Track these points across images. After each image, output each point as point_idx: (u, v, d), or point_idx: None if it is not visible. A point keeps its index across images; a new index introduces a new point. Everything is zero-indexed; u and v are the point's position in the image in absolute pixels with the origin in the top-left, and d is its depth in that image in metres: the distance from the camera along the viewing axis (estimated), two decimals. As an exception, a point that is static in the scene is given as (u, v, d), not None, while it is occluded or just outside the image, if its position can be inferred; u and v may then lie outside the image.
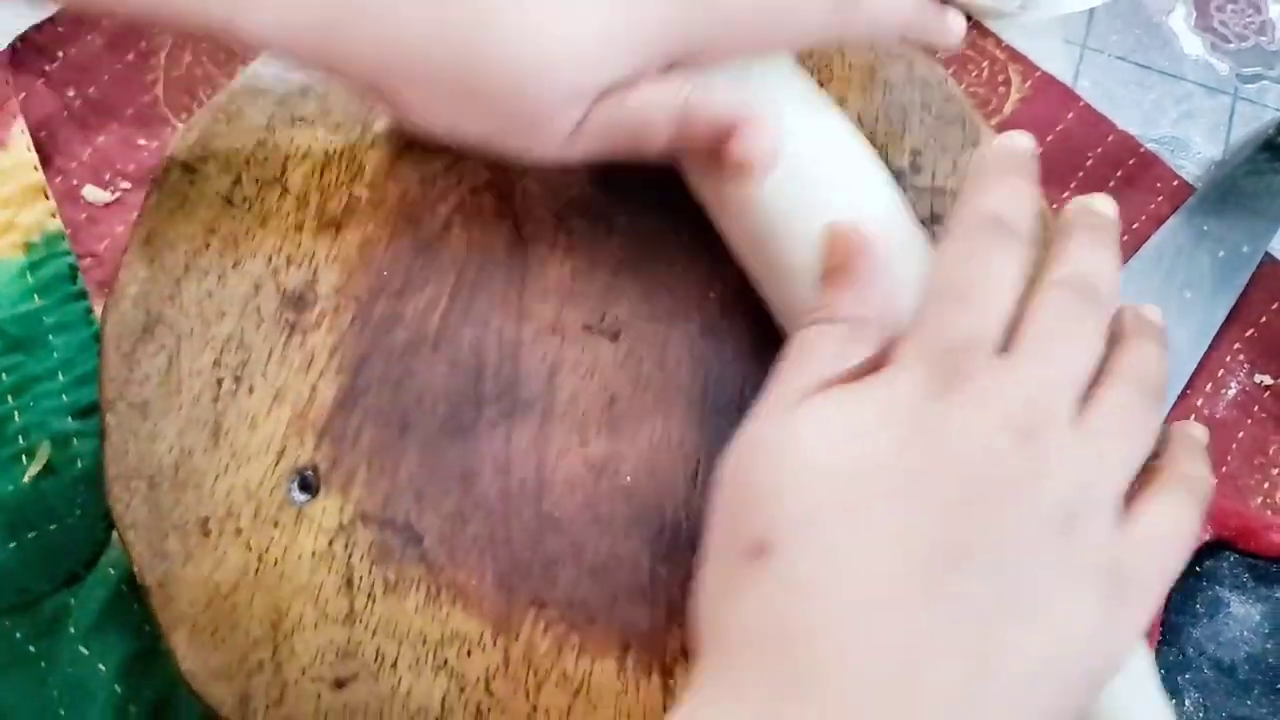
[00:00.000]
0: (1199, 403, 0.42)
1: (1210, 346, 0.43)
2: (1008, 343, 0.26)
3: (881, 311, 0.28)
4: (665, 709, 0.30)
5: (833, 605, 0.22)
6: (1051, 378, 0.25)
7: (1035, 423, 0.24)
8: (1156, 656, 0.37)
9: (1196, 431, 0.29)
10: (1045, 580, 0.23)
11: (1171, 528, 0.26)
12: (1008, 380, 0.25)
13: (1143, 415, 0.26)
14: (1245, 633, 0.37)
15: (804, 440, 0.25)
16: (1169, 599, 0.37)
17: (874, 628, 0.22)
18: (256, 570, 0.30)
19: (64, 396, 0.37)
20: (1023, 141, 0.30)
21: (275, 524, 0.31)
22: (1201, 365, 0.43)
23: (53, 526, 0.35)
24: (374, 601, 0.30)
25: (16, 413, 0.36)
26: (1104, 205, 0.30)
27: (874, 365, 0.26)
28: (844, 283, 0.28)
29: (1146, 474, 0.26)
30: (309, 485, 0.31)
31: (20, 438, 0.36)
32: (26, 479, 0.36)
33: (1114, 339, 0.28)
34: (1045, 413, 0.24)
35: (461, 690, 0.30)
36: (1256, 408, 0.42)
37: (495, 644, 0.30)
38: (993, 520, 0.23)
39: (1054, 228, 0.30)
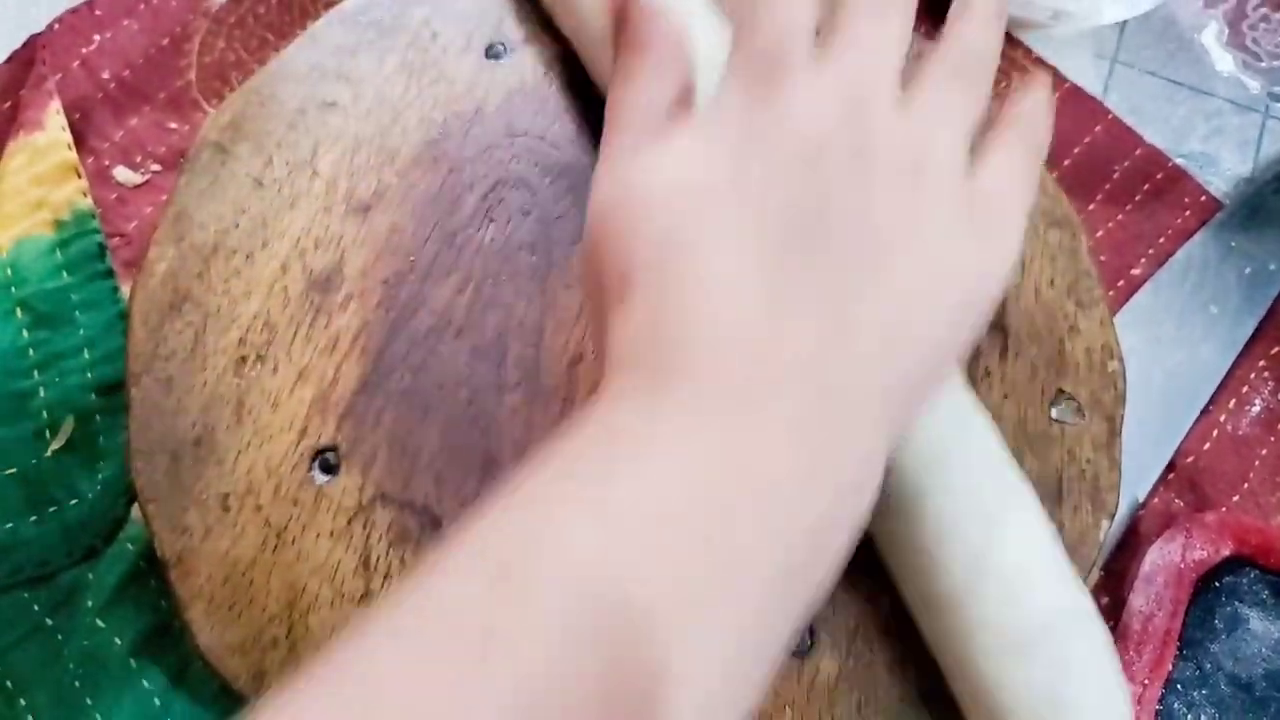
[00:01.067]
0: (1222, 418, 0.42)
1: (1235, 363, 0.43)
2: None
3: (676, 49, 0.28)
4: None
5: (688, 304, 0.23)
6: (870, 55, 0.26)
7: (863, 95, 0.25)
8: (1173, 671, 0.36)
9: (1039, 89, 0.30)
10: (902, 224, 0.24)
11: (1014, 173, 0.28)
12: (827, 65, 0.26)
13: (967, 82, 0.27)
14: (1264, 649, 0.37)
15: (642, 182, 0.25)
16: (1187, 613, 0.37)
17: (730, 309, 0.23)
18: (275, 547, 0.30)
19: (88, 373, 0.37)
20: None
21: (295, 502, 0.31)
22: (1225, 381, 0.42)
23: (73, 501, 0.35)
24: (390, 582, 0.30)
25: (41, 388, 0.37)
26: None
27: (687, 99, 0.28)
28: (629, 38, 0.28)
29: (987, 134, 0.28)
30: (329, 465, 0.31)
31: (44, 412, 0.36)
32: (49, 453, 0.36)
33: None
34: (871, 85, 0.25)
35: (474, 674, 0.29)
36: (1280, 425, 0.42)
37: (509, 629, 0.30)
38: (835, 184, 0.24)
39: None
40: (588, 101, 0.36)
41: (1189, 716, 0.36)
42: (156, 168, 0.41)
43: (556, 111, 0.36)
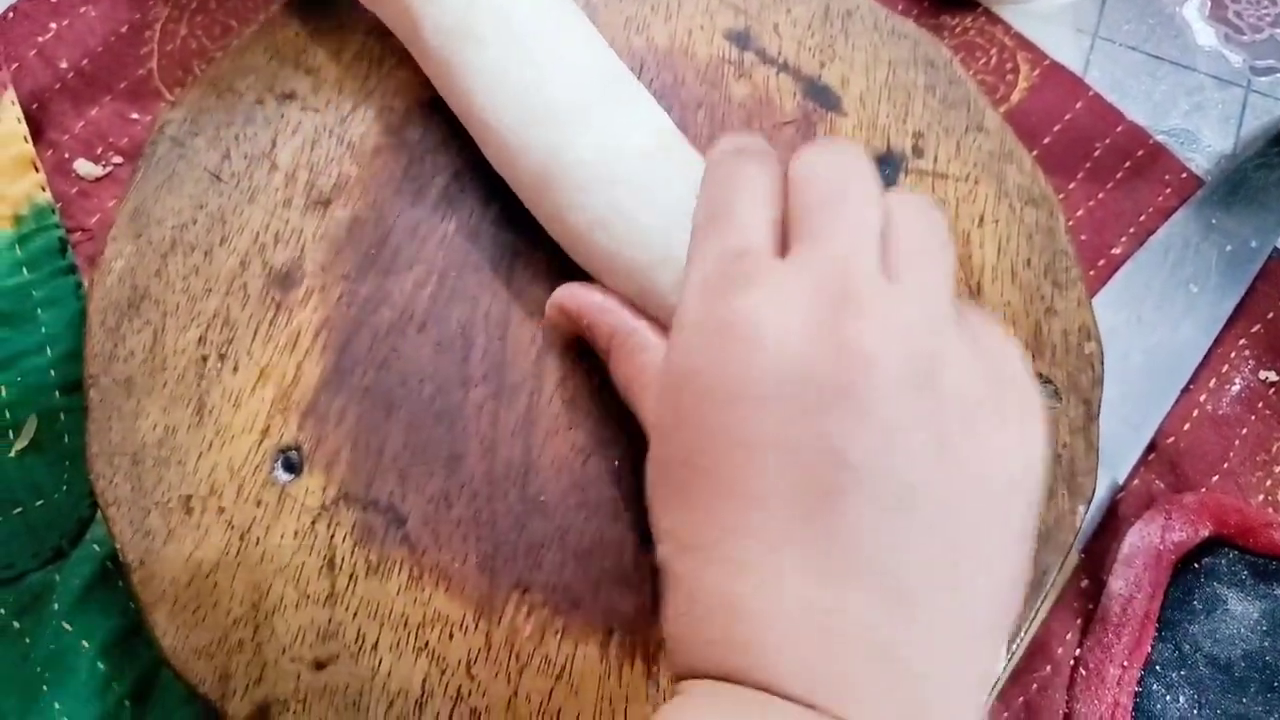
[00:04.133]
0: (1202, 398, 0.42)
1: (1215, 341, 0.42)
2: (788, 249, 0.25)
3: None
4: (648, 696, 0.29)
5: (739, 590, 0.22)
6: (843, 249, 0.24)
7: (840, 295, 0.23)
8: (1152, 652, 0.36)
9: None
10: (922, 459, 0.22)
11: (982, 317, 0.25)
12: (801, 266, 0.24)
13: (937, 240, 0.25)
14: (1243, 630, 0.37)
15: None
16: (1166, 594, 0.37)
17: (773, 590, 0.22)
18: (238, 549, 0.30)
19: (52, 372, 0.36)
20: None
21: (258, 503, 0.30)
22: (1206, 360, 0.42)
23: (38, 503, 0.35)
24: (356, 583, 0.30)
25: (3, 388, 0.36)
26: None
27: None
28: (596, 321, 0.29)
29: None
30: (292, 465, 0.31)
31: (7, 413, 0.36)
32: (12, 454, 0.35)
33: None
34: (848, 281, 0.23)
35: (442, 673, 0.29)
36: (1260, 404, 0.42)
37: (477, 627, 0.30)
38: (841, 433, 0.22)
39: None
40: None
41: (1167, 698, 0.36)
42: (118, 160, 0.40)
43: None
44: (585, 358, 0.33)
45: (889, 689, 0.21)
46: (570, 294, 0.31)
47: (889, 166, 0.36)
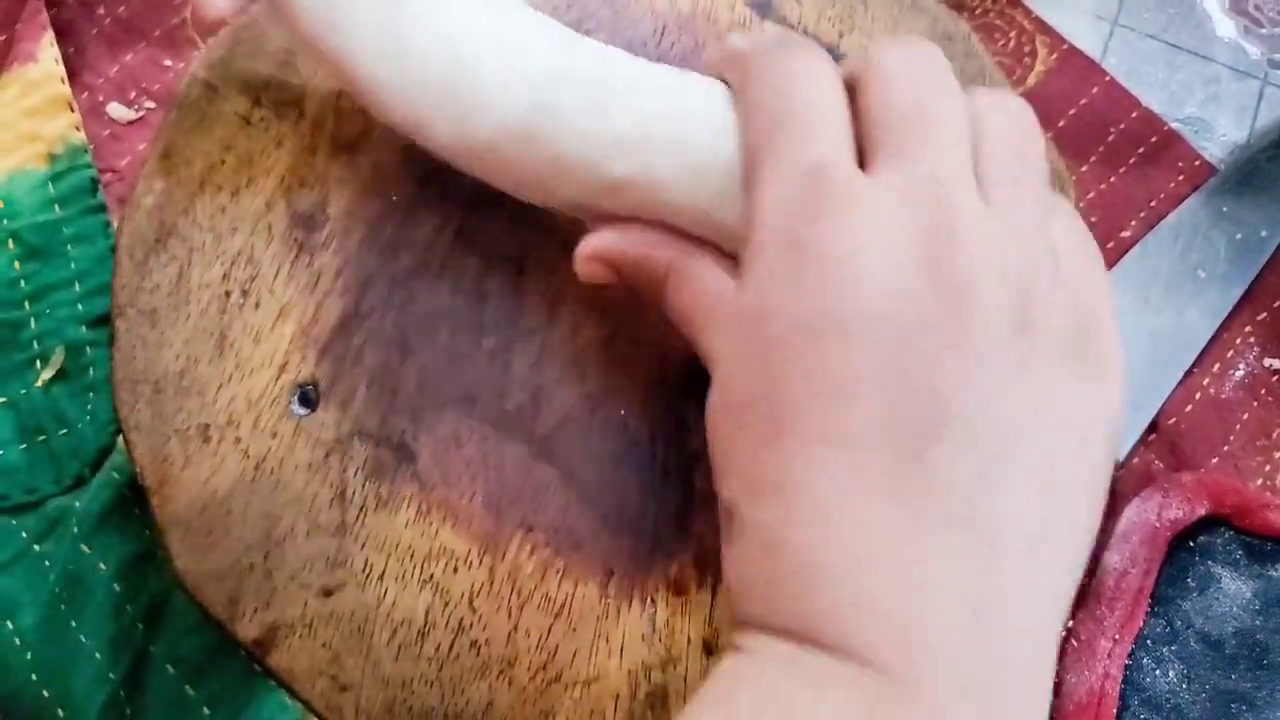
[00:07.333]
0: (1205, 382, 0.42)
1: (1221, 327, 0.43)
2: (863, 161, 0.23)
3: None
4: (644, 638, 0.30)
5: (829, 541, 0.21)
6: (940, 171, 0.22)
7: (941, 227, 0.21)
8: (1144, 627, 0.37)
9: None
10: (1019, 404, 0.21)
11: (1077, 241, 0.24)
12: (895, 189, 0.22)
13: (1032, 149, 0.24)
14: (1235, 608, 0.37)
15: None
16: (1161, 571, 0.37)
17: (862, 542, 0.21)
18: (253, 478, 0.31)
19: (79, 306, 0.37)
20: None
21: (274, 435, 0.31)
22: (1211, 345, 0.42)
23: (62, 431, 0.36)
24: (365, 515, 0.31)
25: (32, 319, 0.37)
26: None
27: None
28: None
29: None
30: (309, 400, 0.32)
31: (35, 343, 0.37)
32: (39, 384, 0.36)
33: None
34: (949, 212, 0.22)
35: (445, 605, 0.30)
36: (1263, 391, 0.42)
37: (481, 563, 0.31)
38: (941, 374, 0.21)
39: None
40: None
41: (1157, 671, 0.37)
42: (150, 105, 0.41)
43: (545, 56, 0.36)
44: (597, 310, 0.33)
45: (973, 651, 0.20)
46: (608, 240, 0.28)
47: (902, 137, 0.36)
